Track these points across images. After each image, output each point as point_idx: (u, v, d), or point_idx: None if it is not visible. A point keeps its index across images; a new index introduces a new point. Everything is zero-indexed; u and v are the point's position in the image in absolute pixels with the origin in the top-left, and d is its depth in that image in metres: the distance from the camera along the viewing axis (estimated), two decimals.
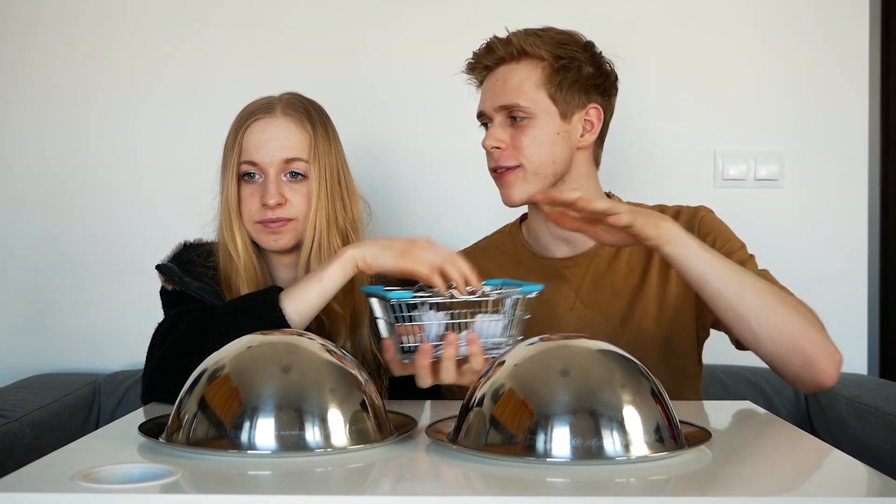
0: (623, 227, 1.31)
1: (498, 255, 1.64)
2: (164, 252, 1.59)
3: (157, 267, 1.51)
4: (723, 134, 2.15)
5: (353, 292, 1.49)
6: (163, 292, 1.54)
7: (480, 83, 1.58)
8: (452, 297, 1.22)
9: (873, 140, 2.17)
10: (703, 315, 1.52)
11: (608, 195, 1.63)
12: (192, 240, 1.60)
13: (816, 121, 2.13)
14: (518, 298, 1.23)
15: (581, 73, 1.51)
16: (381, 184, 2.10)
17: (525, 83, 1.49)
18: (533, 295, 1.23)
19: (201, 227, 1.59)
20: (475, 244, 1.70)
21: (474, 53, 1.56)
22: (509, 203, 1.53)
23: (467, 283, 1.26)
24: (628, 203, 1.63)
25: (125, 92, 2.15)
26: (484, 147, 1.52)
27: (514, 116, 1.50)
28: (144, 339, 1.42)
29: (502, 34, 1.54)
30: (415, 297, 1.21)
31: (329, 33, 2.14)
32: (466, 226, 2.07)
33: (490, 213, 2.03)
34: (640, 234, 1.31)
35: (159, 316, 1.48)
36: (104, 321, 2.14)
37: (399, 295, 1.20)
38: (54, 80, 2.15)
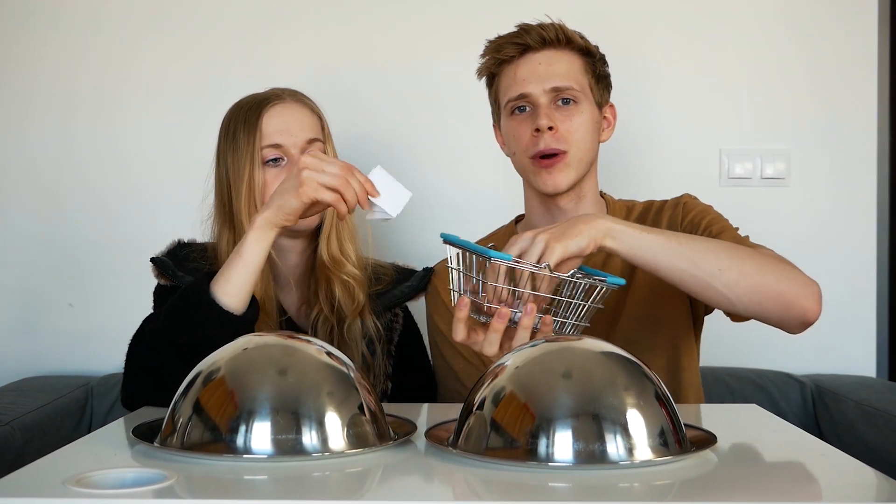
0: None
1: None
2: (157, 251, 1.59)
3: (152, 259, 1.53)
4: (728, 132, 2.15)
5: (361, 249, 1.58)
6: (155, 291, 1.54)
7: (495, 66, 1.56)
8: (550, 270, 1.21)
9: (882, 137, 2.16)
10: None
11: (601, 195, 1.64)
12: (185, 239, 1.61)
13: (824, 118, 2.13)
14: (603, 289, 1.24)
15: (605, 70, 1.58)
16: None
17: (573, 68, 1.53)
18: (615, 288, 1.26)
19: (199, 220, 1.60)
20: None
21: (507, 34, 1.54)
22: (556, 189, 1.52)
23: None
24: (621, 201, 1.63)
25: (116, 89, 2.14)
26: (538, 128, 1.49)
27: (564, 100, 1.51)
28: None
29: (531, 22, 1.54)
30: (516, 261, 1.20)
31: (324, 29, 2.14)
32: (462, 220, 2.09)
33: (485, 208, 2.05)
34: (569, 249, 1.25)
35: None
36: (97, 323, 2.14)
37: (501, 255, 1.18)
38: (43, 77, 2.14)
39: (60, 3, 2.14)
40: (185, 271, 1.52)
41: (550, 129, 1.49)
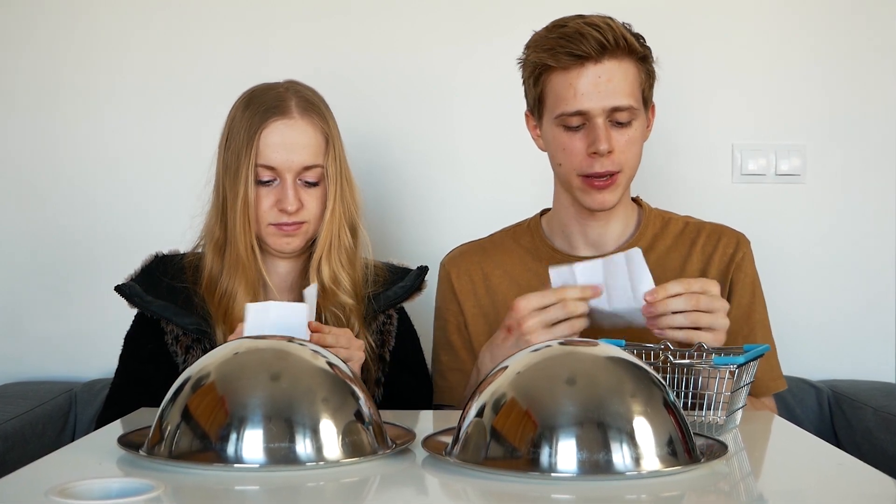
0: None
1: (515, 247, 1.66)
2: (143, 253, 1.60)
3: (116, 288, 1.53)
4: (741, 126, 2.14)
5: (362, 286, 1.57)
6: (134, 321, 1.58)
7: (545, 68, 1.50)
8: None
9: None
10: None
11: (634, 200, 1.65)
12: (165, 252, 1.61)
13: (841, 112, 2.13)
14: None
15: (653, 67, 1.57)
16: (374, 173, 2.09)
17: (633, 83, 1.51)
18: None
19: (188, 219, 1.59)
20: (491, 236, 1.72)
21: (560, 34, 1.49)
22: (605, 208, 1.54)
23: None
24: (657, 210, 1.65)
25: (105, 83, 2.14)
26: (598, 152, 1.48)
27: (620, 119, 1.50)
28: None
29: (591, 20, 1.49)
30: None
31: (320, 19, 2.14)
32: (460, 217, 2.10)
33: (484, 205, 2.05)
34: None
35: None
36: (81, 326, 2.13)
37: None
38: (26, 68, 2.14)
39: None
40: (158, 293, 1.52)
41: (611, 152, 1.49)
